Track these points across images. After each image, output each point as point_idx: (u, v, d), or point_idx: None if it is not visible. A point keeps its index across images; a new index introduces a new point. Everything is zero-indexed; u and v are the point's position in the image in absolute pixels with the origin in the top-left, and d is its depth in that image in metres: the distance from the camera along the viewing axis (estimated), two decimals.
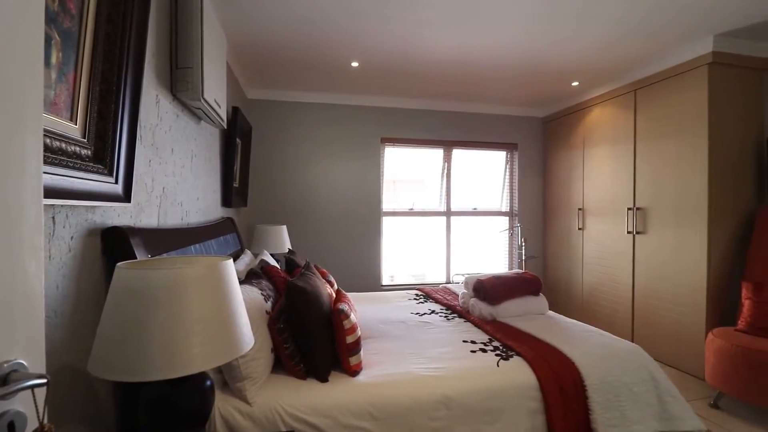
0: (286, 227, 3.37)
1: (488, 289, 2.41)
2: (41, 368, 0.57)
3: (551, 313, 2.53)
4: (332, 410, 1.41)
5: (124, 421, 1.15)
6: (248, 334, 0.95)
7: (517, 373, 1.66)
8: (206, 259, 1.09)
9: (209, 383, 0.99)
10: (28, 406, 0.52)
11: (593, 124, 3.81)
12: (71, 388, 0.98)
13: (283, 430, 1.36)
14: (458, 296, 2.82)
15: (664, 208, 3.02)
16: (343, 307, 1.65)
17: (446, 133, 4.31)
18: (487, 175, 4.63)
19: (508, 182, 4.64)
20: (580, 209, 3.98)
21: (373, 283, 4.13)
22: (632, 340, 3.22)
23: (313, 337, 1.56)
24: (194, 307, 0.82)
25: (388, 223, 4.28)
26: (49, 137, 0.88)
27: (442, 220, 4.45)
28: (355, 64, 3.16)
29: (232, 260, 0.96)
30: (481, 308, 2.40)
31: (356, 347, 1.62)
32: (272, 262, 2.51)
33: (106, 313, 0.82)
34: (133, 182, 1.23)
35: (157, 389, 0.92)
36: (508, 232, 4.62)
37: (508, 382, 1.61)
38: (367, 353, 1.79)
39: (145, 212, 1.43)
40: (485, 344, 1.96)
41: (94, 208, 1.11)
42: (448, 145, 4.38)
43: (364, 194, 4.12)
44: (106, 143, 1.10)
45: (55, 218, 0.94)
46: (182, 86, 1.71)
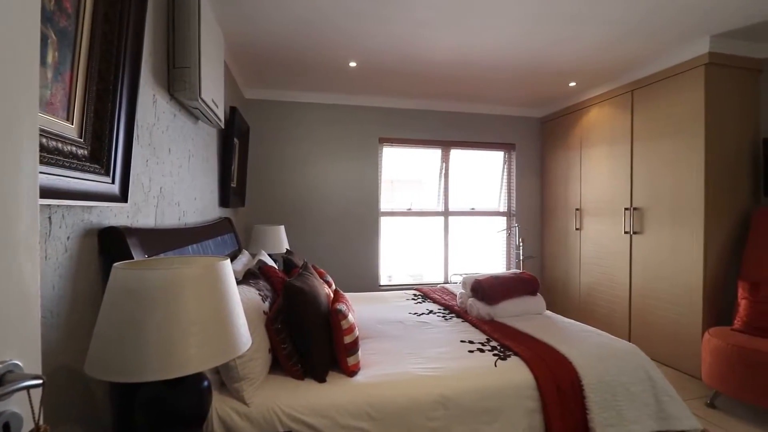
0: (283, 227, 3.37)
1: (486, 289, 2.41)
2: (37, 369, 0.56)
3: (549, 313, 2.53)
4: (330, 410, 1.41)
5: (120, 422, 1.15)
6: (246, 334, 0.95)
7: (514, 372, 1.67)
8: (203, 259, 1.09)
9: (206, 384, 0.99)
10: (23, 407, 0.51)
11: (591, 124, 3.83)
12: (67, 388, 0.98)
13: (280, 430, 1.35)
14: (456, 296, 2.82)
15: (661, 208, 3.03)
16: (340, 307, 1.65)
17: (444, 133, 4.32)
18: (484, 175, 4.64)
19: (505, 182, 4.65)
20: (577, 209, 3.99)
21: (371, 283, 4.13)
22: (629, 339, 3.23)
23: (310, 337, 1.56)
24: (191, 307, 0.82)
25: (386, 223, 4.28)
26: (45, 137, 0.87)
27: (440, 220, 4.45)
28: (353, 64, 3.15)
29: (229, 260, 0.96)
30: (478, 308, 2.41)
31: (354, 347, 1.62)
32: (270, 262, 2.50)
33: (102, 313, 0.82)
34: (129, 182, 1.22)
35: (154, 390, 0.92)
36: (505, 232, 4.62)
37: (505, 381, 1.62)
38: (365, 353, 1.79)
39: (142, 212, 1.43)
40: (483, 344, 1.96)
41: (90, 208, 1.11)
42: (446, 145, 4.38)
43: (362, 194, 4.12)
44: (102, 143, 1.10)
45: (51, 218, 0.94)
46: (179, 86, 1.71)
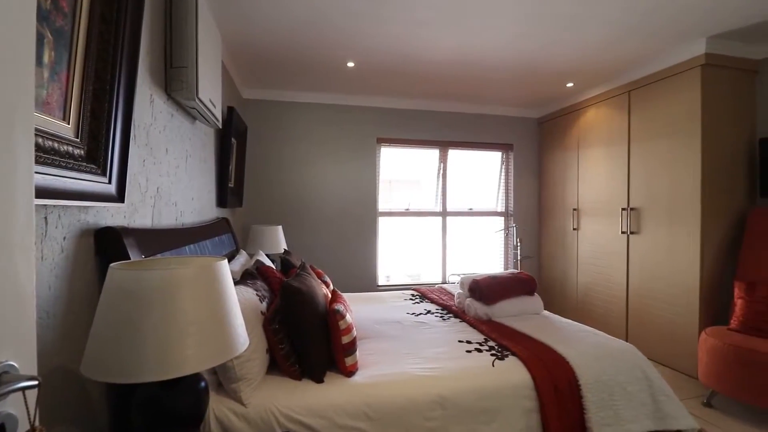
0: (281, 227, 3.36)
1: (484, 289, 2.41)
2: (32, 370, 0.56)
3: (546, 312, 2.54)
4: (328, 411, 1.41)
5: (117, 422, 1.14)
6: (243, 335, 0.95)
7: (512, 372, 1.67)
8: (201, 259, 1.09)
9: (203, 384, 0.99)
10: (19, 408, 0.51)
11: (588, 124, 3.84)
12: (63, 389, 0.97)
13: (278, 431, 1.35)
14: (454, 296, 2.82)
15: (657, 208, 3.04)
16: (338, 307, 1.65)
17: (442, 133, 4.32)
18: (482, 175, 4.64)
19: (503, 183, 4.66)
20: (574, 209, 4.00)
21: (368, 283, 4.13)
22: (626, 339, 3.25)
23: (308, 337, 1.56)
24: (188, 307, 0.82)
25: (384, 223, 4.28)
26: (41, 137, 0.87)
27: (437, 220, 4.46)
28: (351, 64, 3.15)
29: (226, 261, 0.96)
30: (476, 308, 2.41)
31: (352, 348, 1.62)
32: (268, 262, 2.50)
33: (99, 314, 0.81)
34: (126, 182, 1.22)
35: (150, 391, 0.92)
36: (503, 232, 4.63)
37: (503, 381, 1.62)
38: (362, 353, 1.79)
39: (138, 212, 1.42)
40: (481, 344, 1.96)
41: (87, 208, 1.10)
42: (443, 145, 4.38)
43: (360, 194, 4.12)
44: (99, 143, 1.09)
45: (47, 218, 0.93)
46: (177, 86, 1.70)
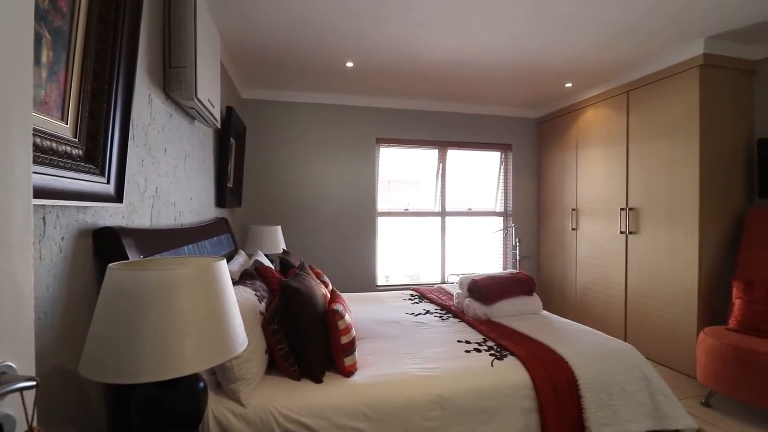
0: (280, 227, 3.36)
1: (483, 289, 2.41)
2: (30, 370, 0.56)
3: (545, 312, 2.54)
4: (327, 411, 1.41)
5: (115, 423, 1.14)
6: (242, 335, 0.95)
7: (511, 372, 1.67)
8: (199, 259, 1.08)
9: (202, 385, 0.99)
10: (17, 408, 0.51)
11: (586, 125, 3.84)
12: (61, 390, 0.97)
13: (277, 431, 1.35)
14: (453, 296, 2.82)
15: (656, 208, 3.05)
16: (337, 307, 1.65)
17: (441, 133, 4.33)
18: (481, 175, 4.65)
19: (502, 183, 4.66)
20: (573, 209, 4.00)
21: (368, 283, 4.13)
22: (625, 339, 3.25)
23: (307, 337, 1.56)
24: (187, 308, 0.82)
25: (383, 223, 4.27)
26: (39, 137, 0.87)
27: (436, 220, 4.46)
28: (350, 64, 3.15)
29: (225, 261, 0.96)
30: (475, 308, 2.41)
31: (351, 348, 1.62)
32: (266, 262, 2.50)
33: (97, 314, 0.81)
34: (125, 182, 1.22)
35: (149, 391, 0.92)
36: (502, 232, 4.64)
37: (502, 381, 1.62)
38: (361, 354, 1.79)
39: (137, 212, 1.42)
40: (479, 344, 1.96)
41: (85, 208, 1.10)
42: (442, 145, 4.39)
43: (359, 194, 4.12)
44: (97, 143, 1.09)
45: (45, 219, 0.93)
46: (175, 85, 1.70)
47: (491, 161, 4.65)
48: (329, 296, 2.08)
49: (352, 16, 2.38)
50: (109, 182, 1.14)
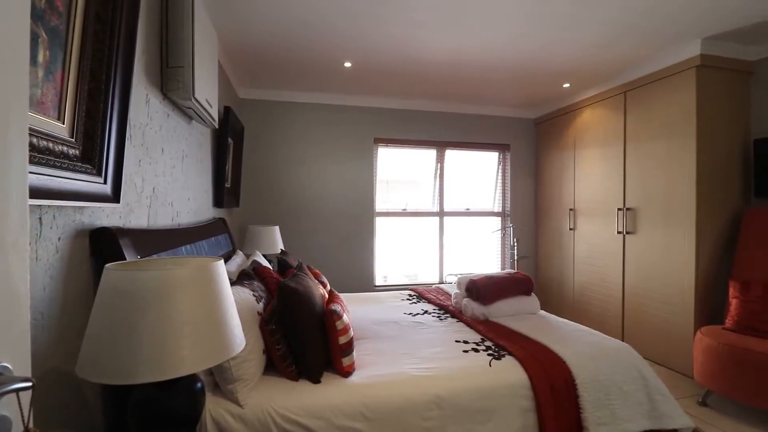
0: (278, 228, 3.36)
1: (480, 289, 2.42)
2: (27, 371, 0.56)
3: (543, 312, 2.55)
4: (325, 411, 1.41)
5: (112, 424, 1.14)
6: (239, 335, 0.95)
7: (509, 372, 1.67)
8: (197, 260, 1.08)
9: (200, 385, 0.99)
10: (13, 410, 0.51)
11: (584, 125, 3.85)
12: (58, 391, 0.97)
13: None
14: (451, 296, 2.83)
15: (653, 208, 3.06)
16: (335, 307, 1.65)
17: (439, 133, 4.33)
18: (479, 175, 4.65)
19: (500, 183, 4.67)
20: (571, 210, 4.01)
21: (366, 283, 4.12)
22: (622, 339, 3.26)
23: (305, 338, 1.56)
24: (184, 308, 0.82)
25: (381, 223, 4.27)
26: (35, 136, 0.86)
27: (435, 220, 4.46)
28: (348, 64, 3.15)
29: (222, 261, 0.96)
30: (473, 308, 2.41)
31: (349, 348, 1.62)
32: (264, 262, 2.49)
33: (94, 315, 0.81)
34: (122, 182, 1.22)
35: (146, 392, 0.91)
36: (500, 232, 4.64)
37: (500, 381, 1.62)
38: (359, 354, 1.79)
39: (134, 213, 1.42)
40: (477, 344, 1.96)
41: (82, 208, 1.10)
42: (441, 145, 4.39)
43: (357, 194, 4.11)
44: (94, 143, 1.09)
45: (41, 219, 0.93)
46: (173, 85, 1.69)
47: (489, 161, 4.66)
48: (327, 296, 2.08)
49: (351, 16, 2.38)
50: (106, 182, 1.14)
